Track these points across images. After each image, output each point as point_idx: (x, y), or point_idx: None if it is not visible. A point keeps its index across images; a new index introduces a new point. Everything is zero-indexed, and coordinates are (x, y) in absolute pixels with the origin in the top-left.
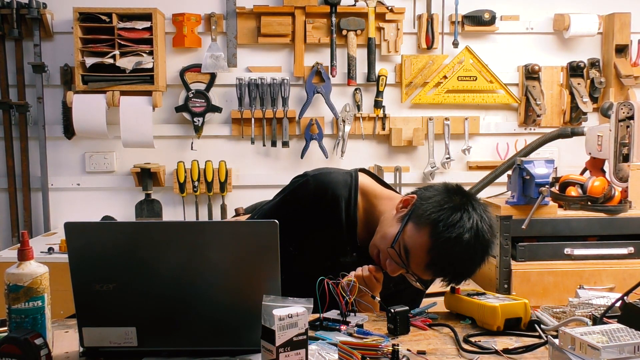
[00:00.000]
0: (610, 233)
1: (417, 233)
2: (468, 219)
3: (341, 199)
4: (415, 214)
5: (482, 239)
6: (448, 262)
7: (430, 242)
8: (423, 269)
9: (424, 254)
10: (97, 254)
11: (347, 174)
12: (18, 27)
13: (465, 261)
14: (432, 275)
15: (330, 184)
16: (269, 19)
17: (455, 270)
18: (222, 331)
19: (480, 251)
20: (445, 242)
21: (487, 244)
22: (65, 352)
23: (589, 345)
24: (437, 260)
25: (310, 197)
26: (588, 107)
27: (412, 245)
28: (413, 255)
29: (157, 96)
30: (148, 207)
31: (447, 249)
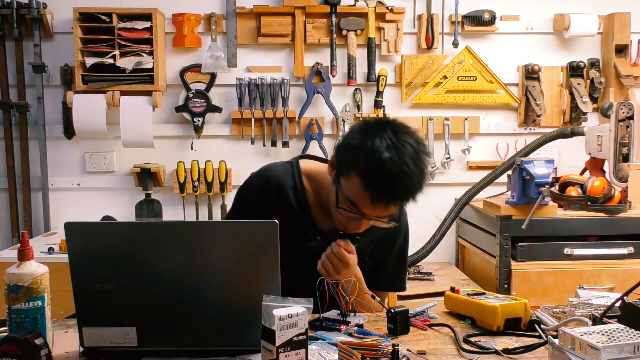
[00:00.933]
0: (610, 233)
1: (348, 181)
2: (381, 140)
3: (286, 187)
4: (340, 167)
5: (405, 148)
6: (387, 186)
7: (361, 181)
8: (373, 207)
9: (364, 194)
10: (97, 254)
11: (287, 163)
12: (18, 27)
13: (401, 176)
14: (385, 207)
15: (272, 176)
16: (269, 19)
17: (400, 189)
18: (222, 331)
19: (410, 159)
20: (372, 172)
21: (414, 150)
22: (65, 352)
23: (589, 345)
24: (378, 191)
25: (258, 194)
26: (588, 107)
27: (351, 194)
28: (358, 201)
29: (157, 96)
30: (148, 207)
31: (377, 176)
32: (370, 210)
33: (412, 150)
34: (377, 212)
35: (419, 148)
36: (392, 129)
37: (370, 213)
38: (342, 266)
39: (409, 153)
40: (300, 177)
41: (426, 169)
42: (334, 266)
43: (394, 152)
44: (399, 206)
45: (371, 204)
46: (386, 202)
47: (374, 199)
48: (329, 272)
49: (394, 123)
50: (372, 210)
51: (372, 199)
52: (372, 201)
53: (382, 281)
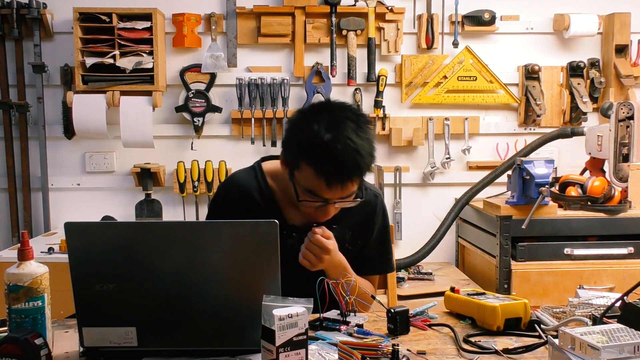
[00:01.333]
0: (610, 233)
1: (301, 173)
2: (319, 124)
3: (252, 191)
4: (289, 162)
5: (344, 124)
6: (338, 166)
7: (312, 169)
8: (331, 190)
9: (319, 180)
10: (97, 254)
11: (250, 167)
12: (18, 27)
13: (348, 152)
14: (342, 187)
15: (235, 182)
16: (269, 19)
17: (351, 165)
18: (222, 331)
19: (352, 132)
20: (318, 157)
21: (354, 122)
22: (65, 352)
23: (589, 345)
24: (331, 174)
25: (224, 204)
26: (588, 107)
27: (307, 184)
28: (316, 189)
29: (157, 96)
30: (148, 207)
31: (325, 160)
32: (330, 194)
33: (351, 124)
34: (337, 193)
35: (359, 119)
36: (327, 110)
37: (332, 197)
38: (323, 253)
39: (349, 127)
40: (264, 178)
41: (371, 137)
42: (315, 254)
43: (334, 131)
44: (356, 182)
45: (328, 187)
46: (342, 182)
47: (329, 182)
48: (312, 262)
49: (328, 103)
50: (332, 193)
51: (327, 182)
52: (328, 185)
53: (367, 265)
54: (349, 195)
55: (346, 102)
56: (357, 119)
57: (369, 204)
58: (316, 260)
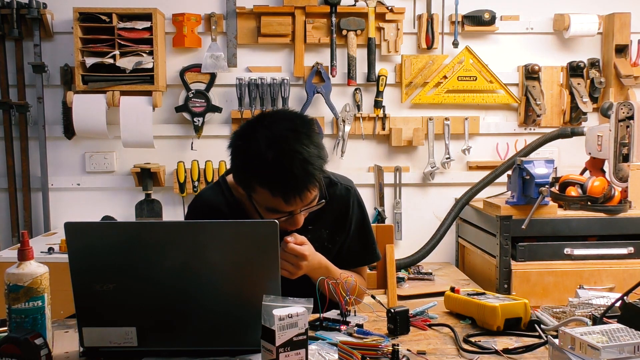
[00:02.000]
0: (610, 233)
1: (257, 194)
2: (257, 142)
3: (220, 206)
4: (243, 186)
5: (284, 136)
6: (291, 181)
7: (266, 189)
8: (291, 204)
9: (276, 199)
10: (97, 254)
11: (215, 184)
12: (18, 27)
13: (296, 165)
14: (302, 198)
15: (203, 200)
16: (269, 19)
17: (303, 176)
18: (222, 331)
19: (294, 142)
20: (269, 177)
21: (292, 130)
22: (65, 352)
23: (589, 345)
24: (286, 191)
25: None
26: (588, 107)
27: (266, 203)
28: (276, 206)
29: (157, 96)
30: (148, 207)
31: (276, 178)
32: (292, 207)
33: (290, 133)
34: (299, 205)
35: (296, 126)
36: (261, 125)
37: (295, 209)
38: (299, 260)
39: (289, 138)
40: (230, 192)
41: (314, 139)
42: (292, 263)
43: (275, 146)
44: (314, 189)
45: (287, 203)
46: (299, 194)
47: (287, 198)
48: (290, 271)
49: (260, 116)
50: (293, 205)
51: (285, 199)
52: (287, 201)
53: (352, 258)
54: (310, 201)
55: (280, 110)
56: (295, 125)
57: (342, 199)
58: (294, 269)
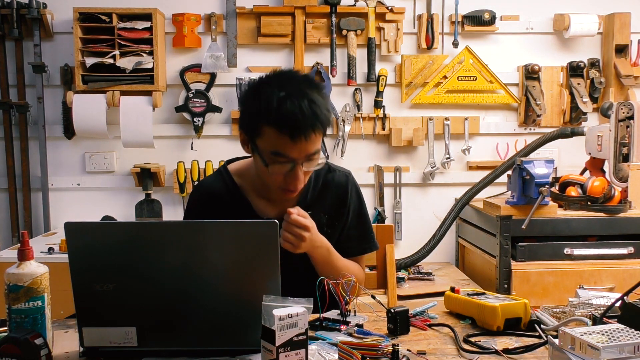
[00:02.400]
0: (610, 233)
1: (264, 138)
2: (270, 87)
3: (220, 192)
4: (250, 132)
5: (295, 80)
6: (298, 117)
7: (273, 128)
8: (296, 144)
9: (282, 136)
10: (97, 254)
11: (216, 172)
12: (18, 27)
13: (305, 103)
14: (306, 139)
15: (203, 187)
16: (269, 19)
17: (310, 115)
18: (222, 331)
19: (304, 84)
20: (277, 114)
21: (303, 78)
22: (65, 352)
23: (589, 345)
24: (292, 127)
25: (196, 208)
26: (588, 107)
27: (272, 146)
28: (281, 148)
29: (157, 96)
30: (148, 207)
31: (284, 114)
32: (296, 151)
33: (301, 79)
34: (303, 149)
35: (308, 79)
36: (276, 76)
37: (298, 154)
38: (303, 231)
39: (301, 85)
40: (231, 179)
41: (323, 93)
42: (295, 235)
43: (287, 88)
44: (319, 134)
45: (292, 141)
46: (305, 133)
47: (293, 135)
48: (293, 243)
49: (274, 72)
50: (298, 149)
51: (291, 135)
52: (292, 137)
53: (350, 247)
54: (314, 152)
55: (290, 70)
56: (307, 78)
57: (341, 185)
58: (297, 241)
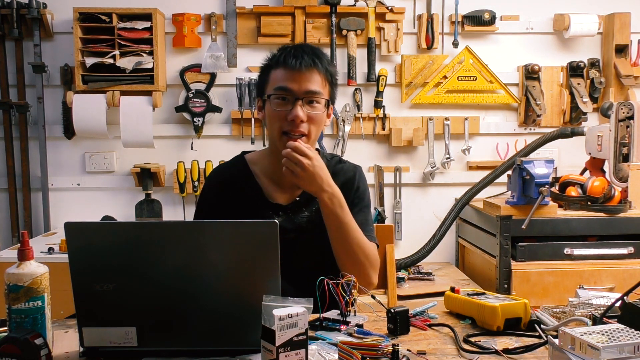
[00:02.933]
0: (610, 233)
1: (270, 79)
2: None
3: (234, 176)
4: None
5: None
6: (298, 51)
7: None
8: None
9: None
10: (97, 254)
11: (232, 159)
12: (18, 27)
13: (305, 44)
14: (307, 70)
15: (219, 171)
16: (269, 19)
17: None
18: (222, 331)
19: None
20: (280, 53)
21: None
22: (65, 352)
23: (589, 345)
24: (289, 56)
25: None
26: (588, 107)
27: (276, 82)
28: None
29: (157, 96)
30: (148, 207)
31: (287, 51)
32: (296, 84)
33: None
34: (303, 82)
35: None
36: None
37: (297, 87)
38: (304, 158)
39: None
40: (245, 165)
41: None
42: (295, 162)
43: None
44: (320, 75)
45: (292, 71)
46: (301, 60)
47: (289, 62)
48: (295, 171)
49: None
50: (297, 82)
51: (288, 63)
52: (289, 65)
53: None
54: (314, 92)
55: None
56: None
57: (349, 175)
58: (298, 168)
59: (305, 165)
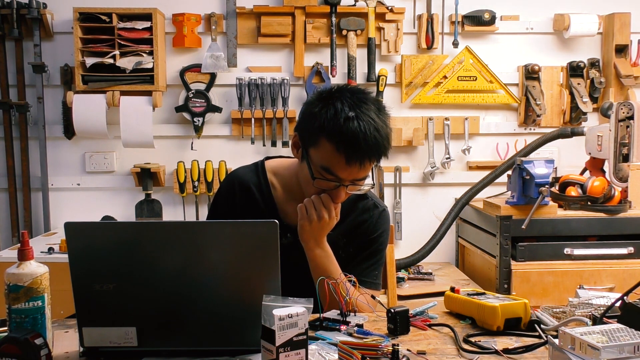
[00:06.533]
0: (610, 233)
1: (319, 150)
2: (342, 102)
3: (250, 186)
4: (307, 138)
5: (367, 104)
6: (359, 143)
7: (332, 144)
8: (349, 167)
9: (338, 156)
10: (97, 254)
11: (253, 164)
12: (18, 27)
13: (369, 130)
14: (361, 165)
15: (236, 176)
16: (269, 19)
17: (371, 143)
18: (222, 331)
19: (374, 113)
20: (341, 132)
21: (375, 106)
22: (65, 352)
23: (589, 345)
24: (351, 150)
25: (225, 196)
26: (588, 107)
27: (324, 160)
28: (333, 166)
29: (157, 96)
30: (148, 207)
31: (347, 135)
32: (347, 173)
33: (373, 106)
34: (354, 173)
35: (379, 103)
36: (348, 92)
37: (347, 176)
38: (325, 212)
39: (371, 109)
40: (264, 175)
41: (389, 123)
42: (318, 209)
43: (357, 109)
44: (374, 162)
45: (347, 164)
46: (361, 160)
47: (349, 158)
48: (309, 211)
49: (349, 87)
50: (348, 172)
51: (347, 159)
52: (348, 161)
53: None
54: (362, 178)
55: (364, 89)
56: (377, 103)
57: (367, 212)
58: (316, 217)
59: (324, 218)
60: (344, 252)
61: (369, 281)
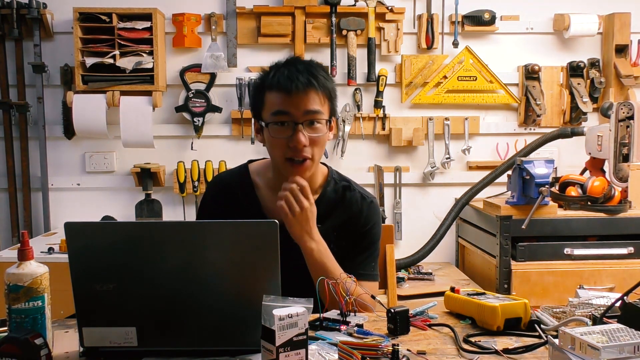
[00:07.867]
0: (610, 233)
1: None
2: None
3: (234, 186)
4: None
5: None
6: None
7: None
8: (294, 97)
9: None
10: (97, 254)
11: (237, 167)
12: (18, 27)
13: (298, 59)
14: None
15: (220, 179)
16: (269, 19)
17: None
18: (222, 331)
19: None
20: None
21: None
22: (65, 352)
23: (589, 345)
24: (287, 80)
25: (210, 199)
26: (588, 107)
27: (271, 105)
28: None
29: (157, 96)
30: (148, 207)
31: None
32: (294, 106)
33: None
34: (301, 104)
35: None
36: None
37: (295, 110)
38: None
39: (299, 58)
40: (248, 175)
41: (323, 67)
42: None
43: (286, 59)
44: (317, 93)
45: (289, 95)
46: (300, 85)
47: (289, 89)
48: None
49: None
50: (295, 104)
51: (287, 90)
52: (289, 92)
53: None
54: (313, 112)
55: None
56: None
57: (355, 204)
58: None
59: (303, 205)
60: (336, 246)
61: (366, 273)
